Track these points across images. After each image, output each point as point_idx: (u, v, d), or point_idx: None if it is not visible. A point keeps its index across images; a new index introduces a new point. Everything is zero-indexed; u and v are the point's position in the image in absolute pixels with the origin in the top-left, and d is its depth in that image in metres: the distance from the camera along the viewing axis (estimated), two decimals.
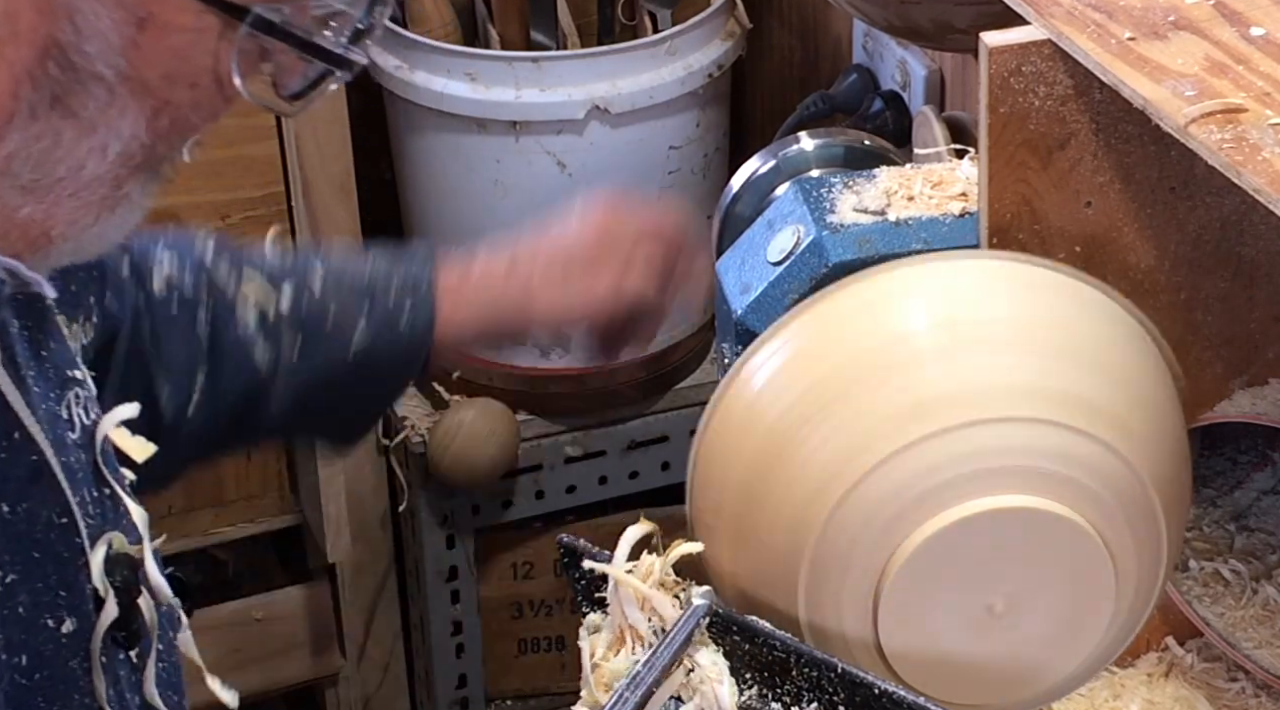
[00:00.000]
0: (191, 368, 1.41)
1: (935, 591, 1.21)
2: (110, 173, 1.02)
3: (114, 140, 1.01)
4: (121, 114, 1.00)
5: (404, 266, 1.46)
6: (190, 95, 1.01)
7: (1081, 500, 1.21)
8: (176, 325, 1.41)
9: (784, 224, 1.39)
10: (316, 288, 1.44)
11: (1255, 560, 1.47)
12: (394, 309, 1.45)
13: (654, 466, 2.50)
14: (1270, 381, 1.41)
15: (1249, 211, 1.33)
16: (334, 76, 1.04)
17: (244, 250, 1.46)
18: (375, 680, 2.61)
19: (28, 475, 1.09)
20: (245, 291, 1.43)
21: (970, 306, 1.24)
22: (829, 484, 1.20)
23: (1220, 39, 1.18)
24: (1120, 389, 1.23)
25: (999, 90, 1.25)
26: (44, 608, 1.10)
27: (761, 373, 1.25)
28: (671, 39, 2.29)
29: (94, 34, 0.97)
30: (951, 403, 1.20)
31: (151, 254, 1.42)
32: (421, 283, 1.45)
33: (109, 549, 1.14)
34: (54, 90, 0.99)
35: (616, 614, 1.21)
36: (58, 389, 1.14)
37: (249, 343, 1.42)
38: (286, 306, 1.43)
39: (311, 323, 1.43)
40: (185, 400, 1.42)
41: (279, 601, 2.51)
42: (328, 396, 1.46)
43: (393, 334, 1.44)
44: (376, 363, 1.45)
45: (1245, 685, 1.52)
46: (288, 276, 1.45)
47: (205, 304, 1.42)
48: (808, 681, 1.18)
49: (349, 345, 1.44)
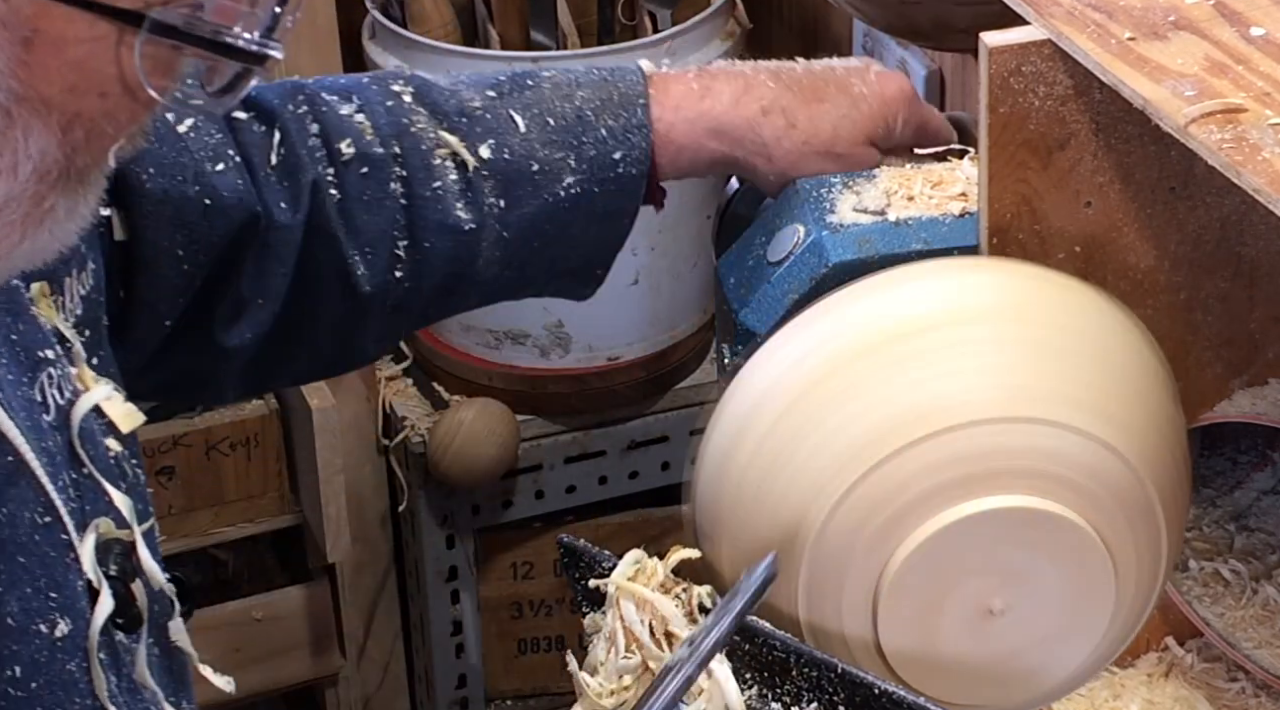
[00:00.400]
0: (388, 233, 1.37)
1: (935, 591, 1.21)
2: (28, 191, 0.97)
3: (24, 160, 0.96)
4: (26, 134, 0.96)
5: (615, 93, 1.41)
6: (101, 104, 0.97)
7: (1081, 500, 1.21)
8: (368, 192, 1.37)
9: (784, 224, 1.39)
10: (520, 129, 1.39)
11: (1255, 560, 1.47)
12: (607, 145, 1.39)
13: (654, 466, 2.50)
14: (1270, 381, 1.41)
15: (1249, 211, 1.33)
16: (251, 73, 0.99)
17: (442, 93, 1.41)
18: (375, 680, 2.61)
19: (4, 477, 1.07)
20: (443, 141, 1.38)
21: (970, 307, 1.24)
22: (829, 484, 1.20)
23: (1220, 39, 1.18)
24: (1120, 389, 1.23)
25: (999, 90, 1.25)
26: (34, 614, 1.07)
27: (763, 374, 1.25)
28: (671, 39, 2.29)
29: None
30: (951, 403, 1.20)
31: (342, 111, 1.38)
32: (634, 113, 1.40)
33: (98, 536, 1.11)
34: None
35: (614, 620, 1.21)
36: (30, 372, 1.11)
37: (450, 197, 1.38)
38: (489, 153, 1.38)
39: (516, 170, 1.38)
40: (386, 268, 1.38)
41: (279, 601, 2.51)
42: (545, 249, 1.41)
43: (606, 173, 1.39)
44: (592, 206, 1.40)
45: (1245, 685, 1.52)
46: (487, 120, 1.39)
47: (398, 161, 1.37)
48: (808, 681, 1.18)
49: (560, 190, 1.39)
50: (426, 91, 1.42)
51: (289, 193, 1.37)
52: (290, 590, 2.51)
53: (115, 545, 1.12)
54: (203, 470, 2.37)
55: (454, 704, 2.59)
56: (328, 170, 1.38)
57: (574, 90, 1.42)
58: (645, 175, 1.41)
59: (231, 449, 2.38)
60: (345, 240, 1.38)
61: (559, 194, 1.40)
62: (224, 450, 2.38)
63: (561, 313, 2.37)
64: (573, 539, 1.25)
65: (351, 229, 1.38)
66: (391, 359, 2.52)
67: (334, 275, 1.39)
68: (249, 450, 2.39)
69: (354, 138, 1.38)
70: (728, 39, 2.35)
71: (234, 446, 2.39)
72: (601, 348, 2.41)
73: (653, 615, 1.21)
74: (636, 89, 1.42)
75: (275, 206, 1.36)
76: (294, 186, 1.37)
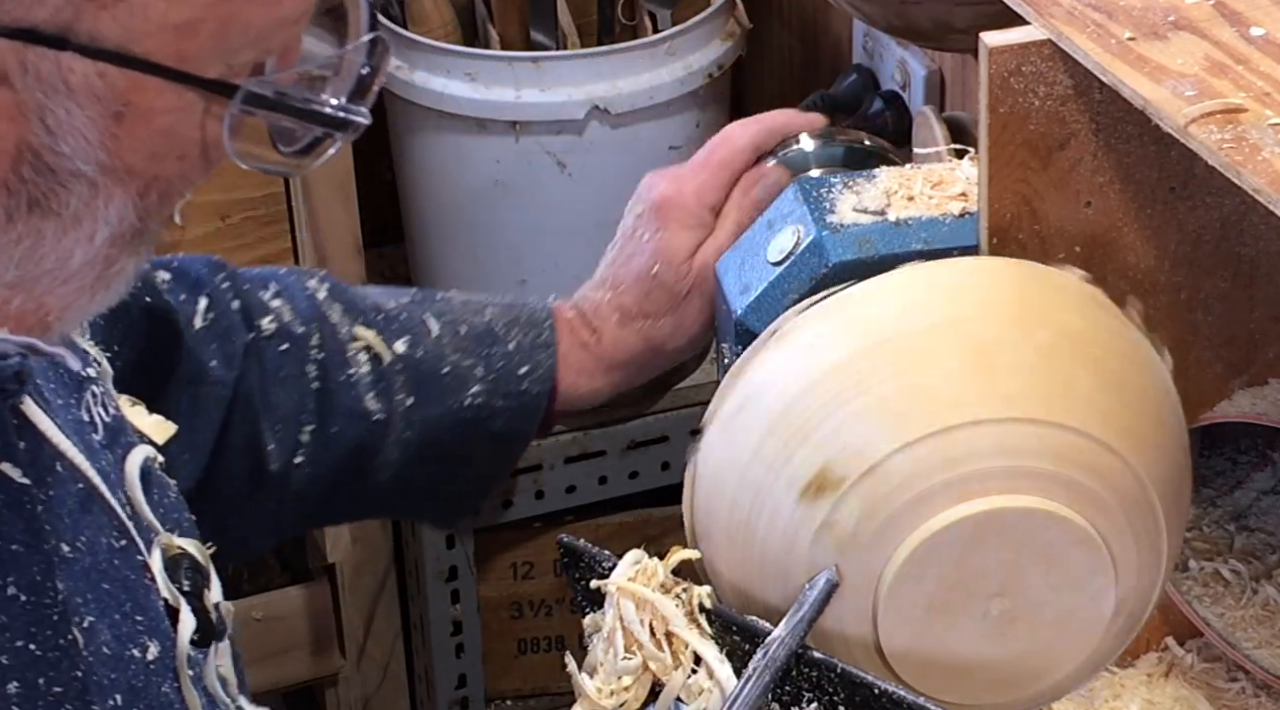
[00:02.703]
0: (300, 414, 1.37)
1: (935, 591, 1.21)
2: (100, 255, 0.97)
3: (102, 227, 0.96)
4: (108, 203, 0.95)
5: (523, 314, 1.43)
6: (179, 167, 0.97)
7: (1081, 500, 1.21)
8: (285, 369, 1.37)
9: (784, 224, 1.39)
10: (433, 333, 1.40)
11: (1255, 560, 1.47)
12: (514, 360, 1.41)
13: (654, 466, 2.49)
14: (1270, 381, 1.41)
15: (1249, 211, 1.33)
16: (333, 138, 0.99)
17: (357, 293, 1.42)
18: (375, 680, 2.61)
19: (79, 506, 1.06)
20: (358, 335, 1.39)
21: (969, 307, 1.24)
22: (828, 484, 1.20)
23: (1220, 39, 1.18)
24: (1119, 389, 1.23)
25: (999, 90, 1.25)
26: (126, 639, 1.06)
27: (762, 374, 1.25)
28: (671, 39, 2.29)
29: (69, 132, 0.93)
30: (950, 403, 1.20)
31: (261, 294, 1.38)
32: (541, 332, 1.41)
33: (163, 552, 1.10)
34: (30, 193, 0.94)
35: (614, 620, 1.21)
36: (75, 393, 1.11)
37: (362, 386, 1.38)
38: (403, 349, 1.38)
39: (427, 370, 1.39)
40: (293, 448, 1.37)
41: (279, 601, 2.50)
42: (440, 456, 1.41)
43: (510, 388, 1.40)
44: (491, 422, 1.40)
45: (1245, 685, 1.51)
46: (403, 320, 1.40)
47: (316, 348, 1.38)
48: (808, 681, 1.18)
49: (465, 398, 1.40)
50: (342, 290, 1.43)
51: (221, 352, 1.37)
52: (290, 590, 2.51)
53: (183, 560, 1.12)
54: None
55: (454, 704, 2.59)
56: (253, 340, 1.38)
57: (484, 306, 1.45)
58: (546, 395, 1.43)
59: None
60: (262, 413, 1.37)
61: (464, 403, 1.41)
62: None
63: None
64: (573, 539, 1.25)
65: (267, 404, 1.37)
66: None
67: (248, 448, 1.38)
68: None
69: (275, 316, 1.39)
70: (728, 39, 2.35)
71: None
72: None
73: (653, 615, 1.21)
74: (543, 314, 1.45)
75: (207, 362, 1.36)
76: (226, 346, 1.37)
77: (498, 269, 2.35)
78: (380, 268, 2.65)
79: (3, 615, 1.00)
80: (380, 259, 2.65)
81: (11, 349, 0.99)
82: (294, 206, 2.29)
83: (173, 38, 0.92)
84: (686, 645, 1.20)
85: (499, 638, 2.59)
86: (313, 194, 2.29)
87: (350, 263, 2.33)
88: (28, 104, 0.92)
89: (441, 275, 2.41)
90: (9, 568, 1.00)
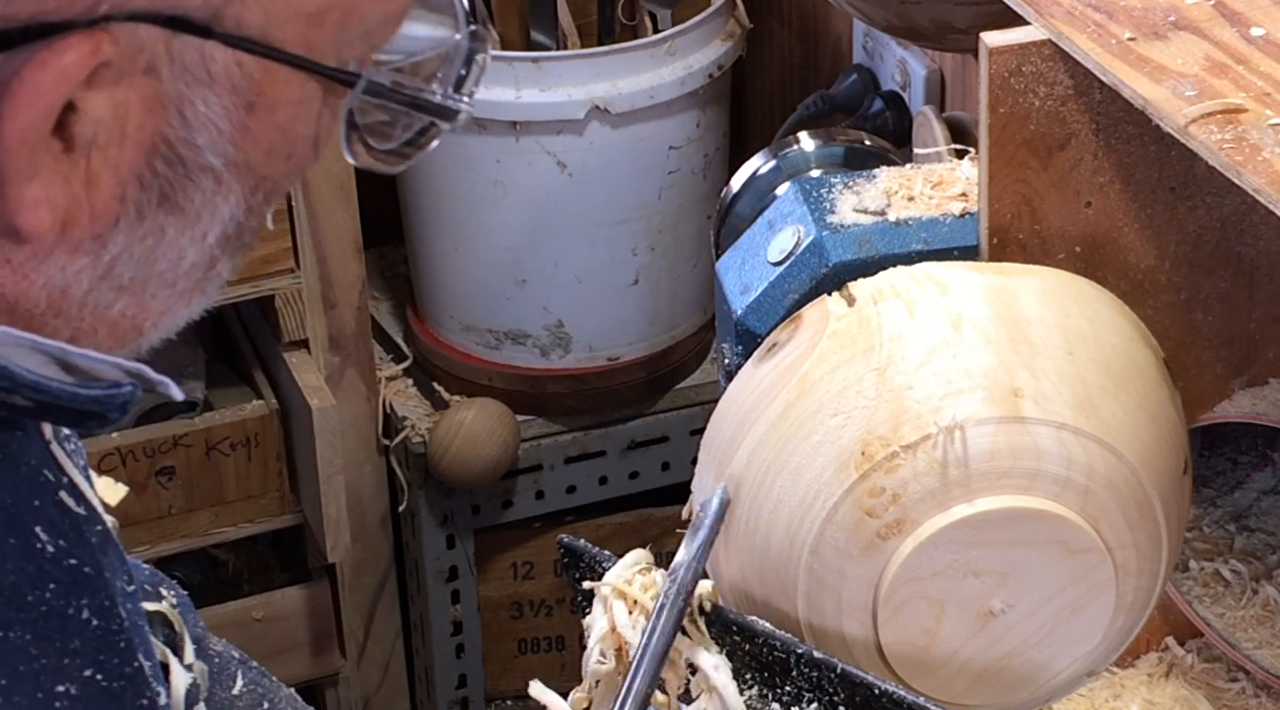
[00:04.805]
0: None
1: (935, 591, 1.21)
2: (208, 255, 0.94)
3: (215, 225, 0.93)
4: (225, 200, 0.93)
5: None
6: (287, 165, 0.94)
7: (1081, 500, 1.21)
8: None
9: (784, 224, 1.39)
10: None
11: (1255, 560, 1.47)
12: None
13: (654, 466, 2.50)
14: (1270, 381, 1.41)
15: (1249, 211, 1.33)
16: (436, 128, 0.97)
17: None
18: (375, 680, 2.61)
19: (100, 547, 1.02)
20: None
21: (969, 308, 1.24)
22: (828, 484, 1.20)
23: (1220, 39, 1.18)
24: (1120, 389, 1.23)
25: (999, 90, 1.25)
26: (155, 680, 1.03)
27: (763, 374, 1.25)
28: (671, 39, 2.29)
29: (204, 125, 0.90)
30: (950, 404, 1.20)
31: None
32: None
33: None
34: (161, 188, 0.91)
35: (604, 621, 1.21)
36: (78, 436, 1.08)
37: None
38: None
39: None
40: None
41: (279, 601, 2.51)
42: None
43: None
44: None
45: (1245, 685, 1.52)
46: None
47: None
48: (808, 681, 1.18)
49: None
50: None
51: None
52: (290, 590, 2.51)
53: (156, 617, 1.11)
54: (203, 470, 2.37)
55: (454, 704, 2.59)
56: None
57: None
58: None
59: (232, 449, 2.38)
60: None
61: None
62: (224, 450, 2.38)
63: (562, 313, 2.37)
64: (573, 539, 1.25)
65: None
66: (392, 359, 2.53)
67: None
68: (249, 450, 2.39)
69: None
70: (728, 39, 2.35)
71: (234, 446, 2.39)
72: (602, 348, 2.41)
73: (646, 616, 1.21)
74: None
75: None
76: None
77: (498, 269, 2.35)
78: (380, 268, 2.65)
79: (75, 639, 0.97)
80: (380, 259, 2.65)
81: (123, 376, 0.95)
82: (294, 206, 2.29)
83: (304, 26, 0.90)
84: (680, 653, 1.20)
85: (499, 638, 2.60)
86: (313, 194, 2.29)
87: (350, 263, 2.33)
88: (169, 94, 0.89)
89: (441, 275, 2.42)
90: (82, 590, 0.98)
